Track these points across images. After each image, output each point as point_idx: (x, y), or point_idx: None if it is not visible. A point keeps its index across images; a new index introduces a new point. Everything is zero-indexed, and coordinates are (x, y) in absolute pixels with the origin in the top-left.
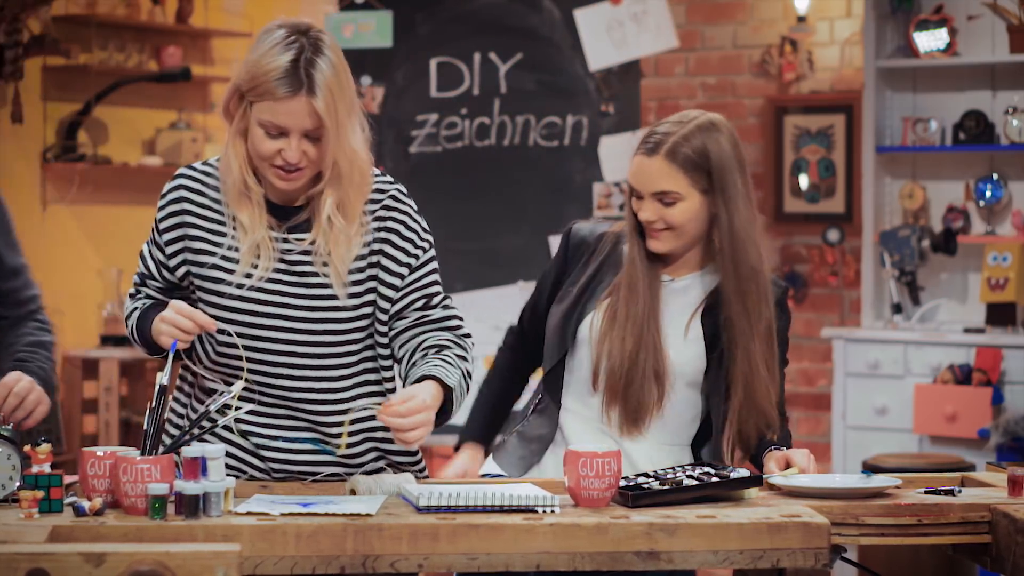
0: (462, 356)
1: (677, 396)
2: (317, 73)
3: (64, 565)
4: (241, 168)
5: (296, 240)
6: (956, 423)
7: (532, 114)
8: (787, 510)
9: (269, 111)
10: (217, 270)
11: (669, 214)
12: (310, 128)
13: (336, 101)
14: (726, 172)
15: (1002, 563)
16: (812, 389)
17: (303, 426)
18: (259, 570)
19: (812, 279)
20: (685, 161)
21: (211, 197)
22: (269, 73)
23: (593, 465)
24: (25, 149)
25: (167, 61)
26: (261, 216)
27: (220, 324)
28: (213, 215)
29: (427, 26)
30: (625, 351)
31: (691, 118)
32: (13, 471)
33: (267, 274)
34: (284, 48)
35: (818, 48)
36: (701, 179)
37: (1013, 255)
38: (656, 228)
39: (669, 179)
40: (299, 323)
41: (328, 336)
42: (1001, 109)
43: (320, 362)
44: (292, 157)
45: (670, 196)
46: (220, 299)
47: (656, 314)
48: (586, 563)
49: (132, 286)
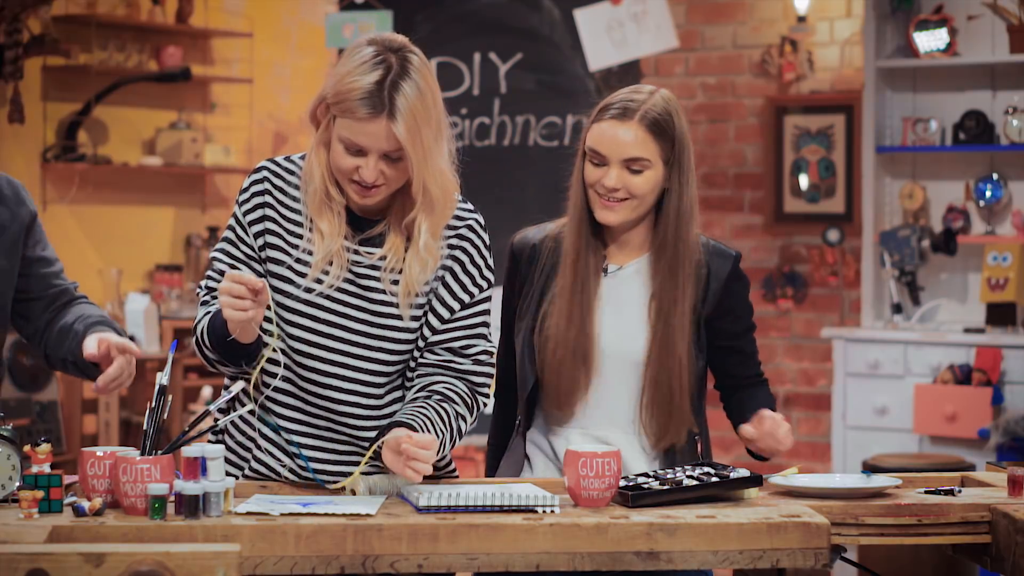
0: (462, 415)
1: (614, 380)
2: (400, 97)
3: (64, 565)
4: (324, 177)
5: (366, 253)
6: (956, 423)
7: (532, 114)
8: (787, 510)
9: (349, 129)
10: (289, 271)
11: (634, 182)
12: (389, 150)
13: (420, 126)
14: (685, 146)
15: (1002, 563)
16: (812, 389)
17: (340, 438)
18: (259, 570)
19: (812, 279)
20: (656, 128)
21: (291, 195)
22: (352, 92)
23: (593, 465)
24: (25, 149)
25: (167, 61)
26: (340, 226)
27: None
28: (293, 214)
29: (427, 26)
30: (559, 336)
31: (651, 90)
32: (13, 471)
33: (336, 283)
34: (371, 68)
35: (818, 48)
36: (667, 149)
37: (1013, 255)
38: (617, 197)
39: (642, 145)
40: (357, 335)
41: (382, 352)
42: (1001, 109)
43: (368, 377)
44: (368, 177)
45: (640, 163)
46: (285, 299)
47: (589, 295)
48: (586, 563)
49: (202, 295)
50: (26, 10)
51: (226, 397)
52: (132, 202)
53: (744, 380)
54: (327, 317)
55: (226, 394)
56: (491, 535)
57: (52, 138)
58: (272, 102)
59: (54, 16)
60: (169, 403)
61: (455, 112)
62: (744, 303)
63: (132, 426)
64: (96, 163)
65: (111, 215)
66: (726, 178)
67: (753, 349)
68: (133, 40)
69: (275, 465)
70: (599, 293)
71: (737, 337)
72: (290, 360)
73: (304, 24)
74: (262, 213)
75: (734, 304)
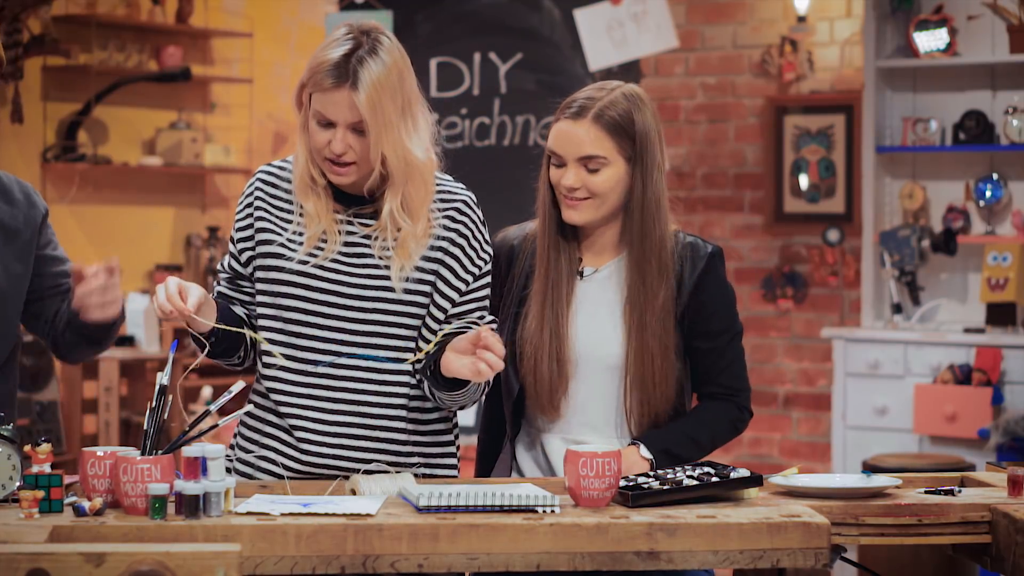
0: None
1: (592, 384)
2: (364, 70)
3: (64, 565)
4: (307, 160)
5: (360, 224)
6: (956, 423)
7: (532, 114)
8: (787, 510)
9: (319, 101)
10: (281, 247)
11: (593, 181)
12: (353, 121)
13: (382, 98)
14: (648, 141)
15: (1002, 563)
16: (812, 389)
17: (347, 409)
18: (259, 570)
19: (812, 279)
20: (612, 126)
21: (284, 189)
22: (321, 65)
23: (593, 465)
24: (25, 149)
25: (167, 61)
26: (328, 205)
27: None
28: (284, 205)
29: (427, 26)
30: (535, 339)
31: (613, 86)
32: (13, 471)
33: (331, 255)
34: (341, 43)
35: (818, 48)
36: (626, 146)
37: (1013, 255)
38: (577, 197)
39: (596, 143)
40: (352, 300)
41: (377, 317)
42: (1001, 109)
43: (368, 341)
44: (336, 148)
45: (595, 161)
46: (280, 275)
47: (562, 297)
48: (586, 563)
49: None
50: (26, 10)
51: (226, 397)
52: (132, 202)
53: (706, 390)
54: (321, 285)
55: (226, 394)
56: (491, 535)
57: (52, 138)
58: (272, 102)
59: (54, 16)
60: (169, 403)
61: (455, 112)
62: (719, 301)
63: (132, 426)
64: (96, 163)
65: (111, 215)
66: (726, 178)
67: (732, 358)
68: (133, 40)
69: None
70: (574, 296)
71: (709, 337)
72: (289, 335)
73: (304, 24)
74: (250, 212)
75: (706, 300)
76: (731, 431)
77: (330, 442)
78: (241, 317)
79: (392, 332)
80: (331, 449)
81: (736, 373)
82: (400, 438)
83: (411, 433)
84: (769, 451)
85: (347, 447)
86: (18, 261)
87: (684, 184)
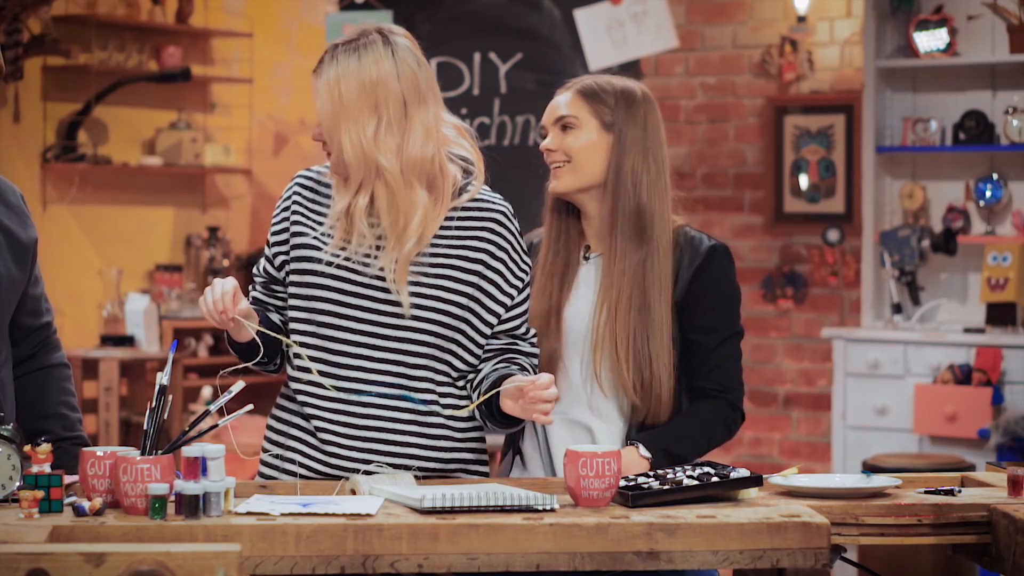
0: None
1: (576, 356)
2: (337, 60)
3: (64, 565)
4: None
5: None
6: (956, 423)
7: (532, 114)
8: (787, 510)
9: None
10: (315, 240)
11: (566, 142)
12: (320, 107)
13: (344, 89)
14: (629, 116)
15: (1002, 563)
16: (812, 389)
17: (375, 413)
18: (259, 570)
19: (812, 279)
20: (587, 92)
21: (321, 193)
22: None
23: (593, 465)
24: (25, 149)
25: (167, 61)
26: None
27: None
28: (320, 208)
29: (427, 26)
30: (534, 309)
31: (618, 79)
32: (13, 471)
33: (361, 249)
34: (345, 37)
35: (818, 48)
36: (602, 112)
37: (1013, 255)
38: (556, 161)
39: (570, 106)
40: (383, 305)
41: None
42: (1001, 109)
43: (395, 344)
44: (315, 131)
45: (567, 120)
46: (312, 277)
47: (566, 275)
48: (586, 563)
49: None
50: (26, 10)
51: (227, 397)
52: (132, 202)
53: (698, 384)
54: (352, 288)
55: (226, 394)
56: (491, 535)
57: (52, 138)
58: (272, 102)
59: (54, 16)
60: (169, 403)
61: (455, 112)
62: (715, 297)
63: (132, 426)
64: (96, 163)
65: (111, 215)
66: (726, 178)
67: (726, 356)
68: (133, 40)
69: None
70: (577, 277)
71: (703, 332)
72: (321, 339)
73: (304, 24)
74: (286, 217)
75: (702, 294)
76: (725, 430)
77: (358, 446)
78: (278, 325)
79: (426, 339)
80: (358, 453)
81: (729, 372)
82: (443, 444)
83: (449, 439)
84: (769, 451)
85: (372, 451)
86: (17, 266)
87: (684, 184)
